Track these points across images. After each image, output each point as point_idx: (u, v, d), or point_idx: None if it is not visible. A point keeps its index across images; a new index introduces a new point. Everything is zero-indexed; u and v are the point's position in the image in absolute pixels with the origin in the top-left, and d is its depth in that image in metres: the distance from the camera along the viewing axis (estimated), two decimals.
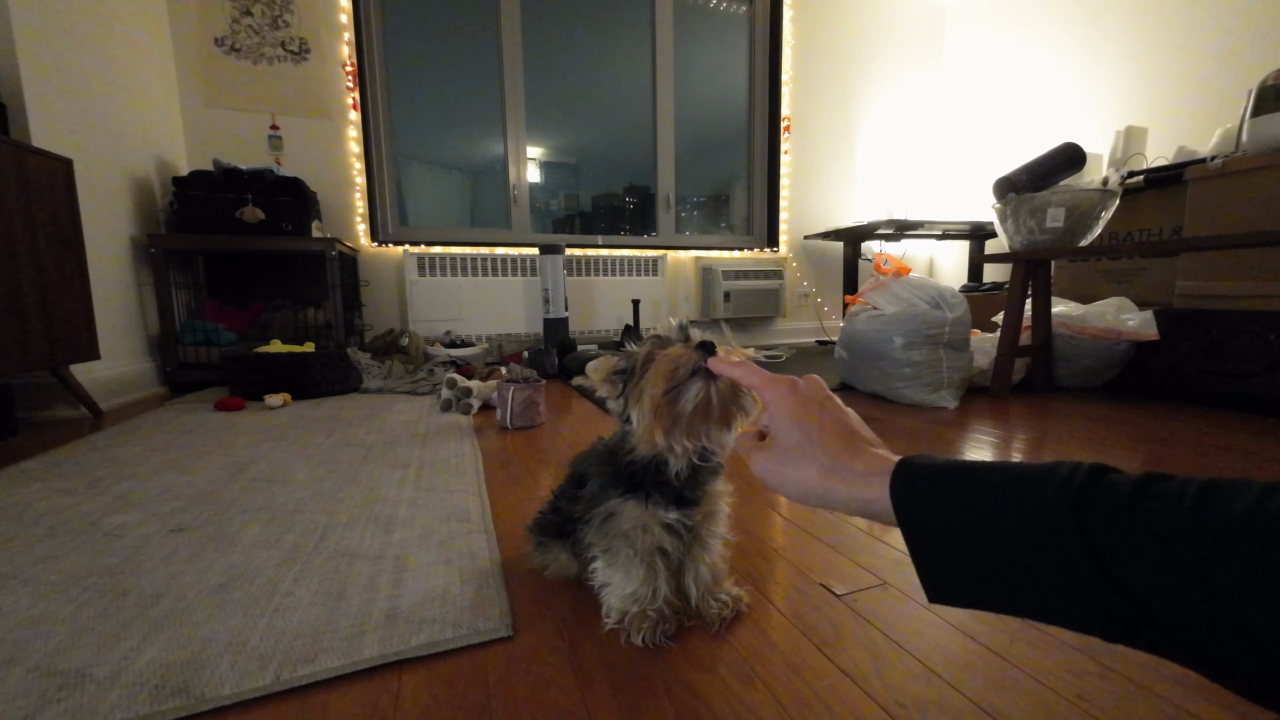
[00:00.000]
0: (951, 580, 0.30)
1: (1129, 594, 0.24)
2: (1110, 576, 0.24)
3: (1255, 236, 1.41)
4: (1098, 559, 0.24)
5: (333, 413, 1.70)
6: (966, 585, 0.29)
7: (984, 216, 3.18)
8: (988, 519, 0.28)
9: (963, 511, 0.29)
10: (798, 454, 0.38)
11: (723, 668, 0.55)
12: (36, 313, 1.49)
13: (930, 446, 1.32)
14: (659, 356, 0.51)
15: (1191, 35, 2.49)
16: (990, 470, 0.30)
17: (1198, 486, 0.24)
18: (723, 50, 3.45)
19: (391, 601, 0.65)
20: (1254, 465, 1.15)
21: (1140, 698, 0.50)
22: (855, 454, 0.36)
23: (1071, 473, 0.27)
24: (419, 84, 2.89)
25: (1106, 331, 1.84)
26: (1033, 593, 0.27)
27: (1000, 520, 0.28)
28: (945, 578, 0.30)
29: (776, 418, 0.40)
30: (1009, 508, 0.27)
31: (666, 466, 0.56)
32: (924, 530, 0.31)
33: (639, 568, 0.58)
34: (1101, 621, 0.25)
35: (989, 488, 0.29)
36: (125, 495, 1.02)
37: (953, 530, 0.29)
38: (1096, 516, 0.25)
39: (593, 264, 3.03)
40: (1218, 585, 0.22)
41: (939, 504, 0.30)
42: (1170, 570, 0.23)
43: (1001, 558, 0.27)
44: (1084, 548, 0.24)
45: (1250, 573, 0.21)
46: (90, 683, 0.52)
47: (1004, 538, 0.27)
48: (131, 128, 2.10)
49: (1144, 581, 0.23)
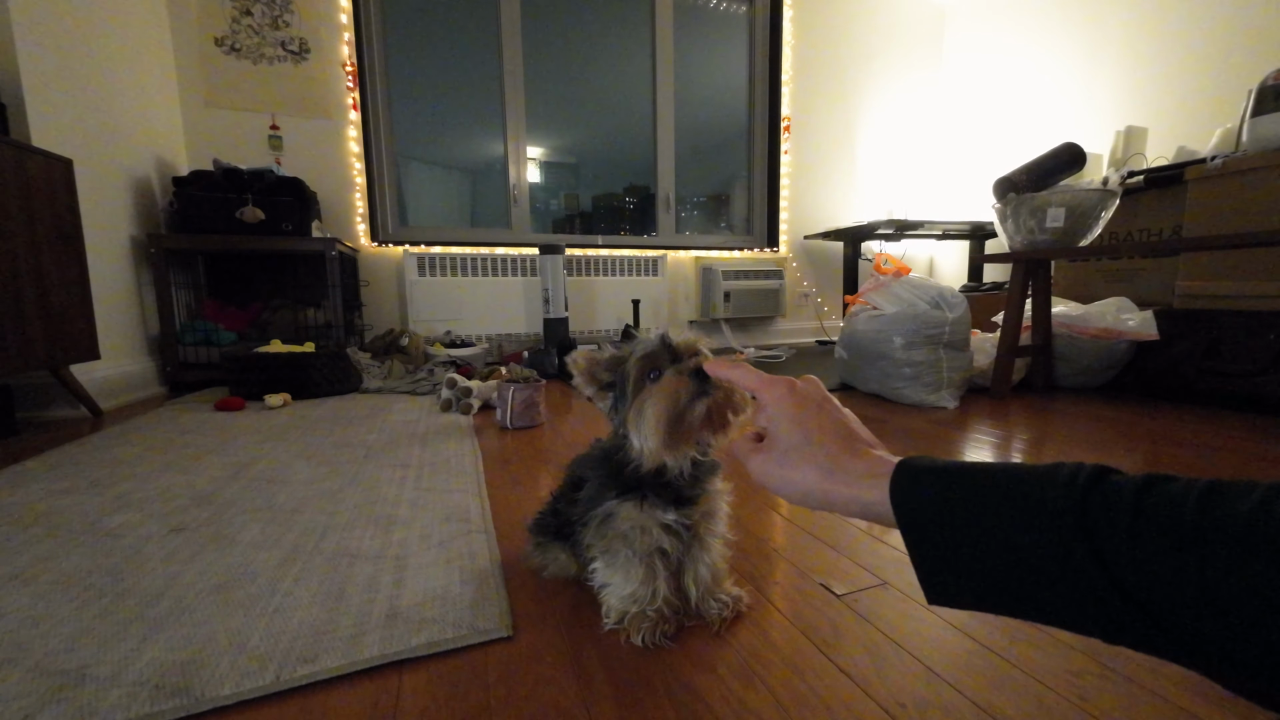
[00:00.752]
0: (952, 582, 0.30)
1: (1131, 596, 0.23)
2: (1113, 578, 0.24)
3: (1255, 236, 1.41)
4: (1101, 561, 0.24)
5: (333, 413, 1.70)
6: (967, 587, 0.29)
7: (984, 216, 3.18)
8: (989, 520, 0.28)
9: (964, 513, 0.29)
10: (796, 456, 0.38)
11: (723, 668, 0.55)
12: (36, 313, 1.49)
13: (930, 446, 1.32)
14: (655, 391, 0.51)
15: (1191, 35, 2.49)
16: (991, 472, 0.29)
17: (1201, 489, 0.23)
18: (723, 50, 3.45)
19: (391, 601, 0.65)
20: (1254, 465, 1.14)
21: (1140, 698, 0.50)
22: (855, 455, 0.36)
23: (1074, 474, 0.26)
24: (419, 84, 2.89)
25: (1106, 331, 1.84)
26: (1034, 594, 0.27)
27: (1002, 522, 0.27)
28: (945, 579, 0.30)
29: (775, 419, 0.40)
30: (1011, 509, 0.27)
31: (666, 469, 0.56)
32: (924, 532, 0.30)
33: (638, 568, 0.58)
34: (1103, 623, 0.25)
35: (990, 489, 0.29)
36: (125, 495, 1.02)
37: (954, 532, 0.29)
38: (1100, 518, 0.25)
39: (593, 264, 3.04)
40: (1220, 588, 0.21)
41: (940, 505, 0.30)
42: (1173, 572, 0.23)
43: (1003, 559, 0.27)
44: (1088, 550, 0.24)
45: (1253, 576, 0.21)
46: (90, 683, 0.52)
47: (1006, 539, 0.27)
48: (131, 128, 2.10)
49: (1146, 583, 0.23)
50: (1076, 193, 1.77)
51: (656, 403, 0.50)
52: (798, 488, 0.37)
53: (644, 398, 0.52)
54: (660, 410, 0.50)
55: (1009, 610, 0.28)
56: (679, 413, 0.50)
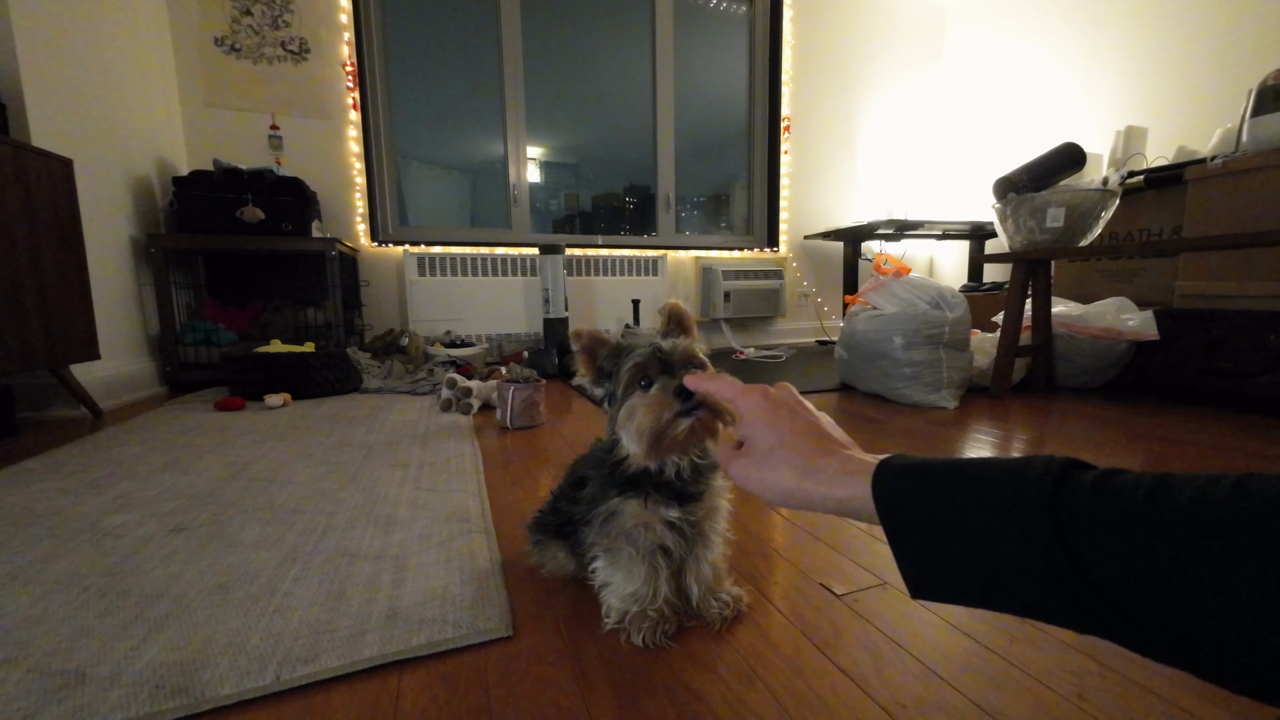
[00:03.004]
0: (933, 575, 0.31)
1: (1092, 582, 0.24)
2: (1078, 567, 0.25)
3: (1255, 236, 1.41)
4: (1069, 549, 0.25)
5: (333, 413, 1.70)
6: (948, 579, 0.30)
7: (984, 216, 3.17)
8: (967, 513, 0.29)
9: (942, 507, 0.30)
10: (773, 458, 0.39)
11: (723, 668, 0.55)
12: (36, 313, 1.49)
13: (930, 446, 1.32)
14: (642, 405, 0.52)
15: (1191, 35, 2.49)
16: (968, 466, 0.31)
17: (1152, 479, 0.25)
18: (723, 50, 3.45)
19: (391, 601, 0.65)
20: (1254, 465, 1.14)
21: (1140, 698, 0.50)
22: (828, 454, 0.37)
23: (1046, 466, 0.27)
24: (419, 84, 2.89)
25: (1106, 331, 1.84)
26: (1011, 585, 0.28)
27: (978, 514, 0.28)
28: (926, 572, 0.31)
29: (750, 424, 0.42)
30: (987, 502, 0.28)
31: (665, 467, 0.57)
32: (905, 528, 0.31)
33: (641, 567, 0.59)
34: (1071, 612, 0.26)
35: (967, 482, 0.30)
36: (125, 495, 1.02)
37: (932, 525, 0.30)
38: (1066, 508, 0.26)
39: (593, 264, 3.03)
40: (1168, 572, 0.23)
41: (919, 500, 0.31)
42: (1126, 558, 0.24)
43: (980, 551, 0.28)
44: (1057, 538, 0.25)
45: (1194, 557, 0.22)
46: (90, 683, 0.52)
47: (983, 532, 0.28)
48: (131, 128, 2.10)
49: (1106, 570, 0.24)
50: (1076, 193, 1.77)
51: (641, 418, 0.51)
52: (776, 489, 0.39)
53: (633, 406, 0.53)
54: (644, 426, 0.51)
55: (988, 603, 0.29)
56: (662, 429, 0.51)
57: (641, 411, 0.51)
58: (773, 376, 2.27)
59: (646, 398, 0.52)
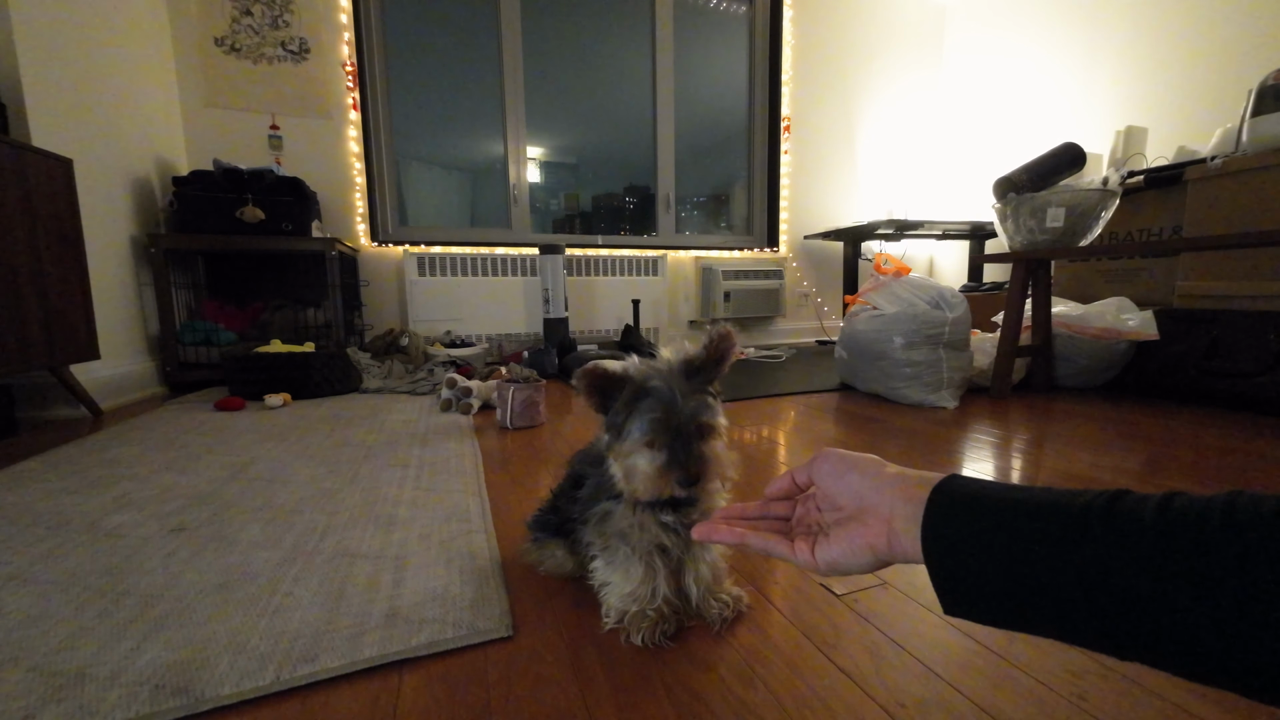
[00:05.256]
0: (970, 596, 0.30)
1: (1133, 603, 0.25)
2: (1110, 586, 0.25)
3: (1255, 236, 1.40)
4: (1103, 569, 0.25)
5: (333, 413, 1.70)
6: (987, 605, 0.30)
7: (984, 216, 3.18)
8: (1013, 543, 0.28)
9: (992, 539, 0.29)
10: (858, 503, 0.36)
11: (723, 668, 0.55)
12: (36, 313, 1.49)
13: (930, 446, 1.32)
14: (642, 469, 0.52)
15: (1191, 35, 2.49)
16: (1019, 498, 0.30)
17: (1159, 499, 0.26)
18: (723, 50, 3.45)
19: (391, 601, 0.65)
20: (1254, 465, 1.14)
21: (1140, 698, 0.50)
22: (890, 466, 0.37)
23: (1096, 496, 0.28)
24: (419, 84, 2.89)
25: (1106, 331, 1.84)
26: (1052, 608, 0.27)
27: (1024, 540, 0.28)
28: (965, 589, 0.31)
29: (824, 487, 0.39)
30: (1032, 526, 0.28)
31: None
32: (949, 557, 0.31)
33: (638, 566, 0.58)
34: (1113, 635, 0.26)
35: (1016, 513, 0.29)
36: (125, 495, 1.02)
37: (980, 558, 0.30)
38: (1108, 528, 0.26)
39: (593, 264, 3.03)
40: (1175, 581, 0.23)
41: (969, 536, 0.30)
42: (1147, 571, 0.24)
43: (1021, 574, 0.28)
44: (1093, 558, 0.26)
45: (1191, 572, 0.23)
46: (90, 683, 0.52)
47: (1026, 556, 0.28)
48: (131, 128, 2.10)
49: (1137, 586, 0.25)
50: (1076, 193, 1.77)
51: (640, 484, 0.53)
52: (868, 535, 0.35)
53: (634, 467, 0.53)
54: (640, 492, 0.53)
55: (1025, 624, 0.29)
56: (657, 494, 0.53)
57: (641, 479, 0.53)
58: (773, 376, 2.27)
59: (649, 468, 0.52)
